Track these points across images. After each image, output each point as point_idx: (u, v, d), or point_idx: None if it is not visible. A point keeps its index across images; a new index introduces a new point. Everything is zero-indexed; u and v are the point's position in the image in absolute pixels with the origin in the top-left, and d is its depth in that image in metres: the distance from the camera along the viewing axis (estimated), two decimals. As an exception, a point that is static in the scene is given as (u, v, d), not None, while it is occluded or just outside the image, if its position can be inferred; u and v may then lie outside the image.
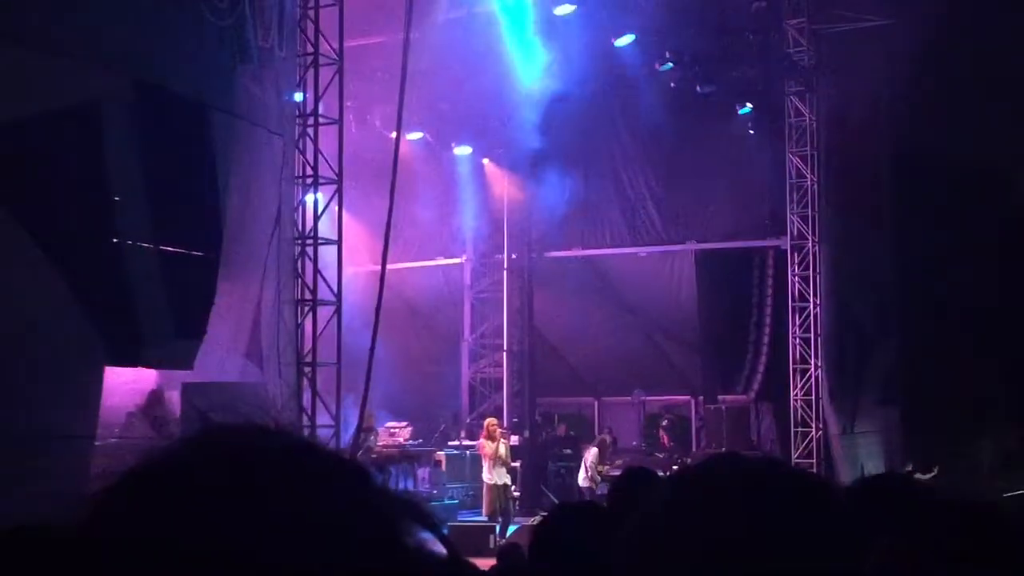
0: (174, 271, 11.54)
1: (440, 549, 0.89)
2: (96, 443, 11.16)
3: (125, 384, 13.77)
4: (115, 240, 11.06)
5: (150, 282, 11.22)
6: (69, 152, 10.46)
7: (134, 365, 11.97)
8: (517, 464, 21.37)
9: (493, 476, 18.32)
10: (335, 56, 14.69)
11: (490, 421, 19.46)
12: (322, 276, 14.40)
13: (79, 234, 10.55)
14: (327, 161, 14.63)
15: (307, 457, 0.88)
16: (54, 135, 10.20)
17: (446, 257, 26.08)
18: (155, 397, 13.62)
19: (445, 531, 0.92)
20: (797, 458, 21.59)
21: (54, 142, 10.23)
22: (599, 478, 18.86)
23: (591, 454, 19.94)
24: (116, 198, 11.03)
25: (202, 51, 12.00)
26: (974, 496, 1.87)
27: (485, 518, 18.41)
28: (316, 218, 14.55)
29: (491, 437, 18.59)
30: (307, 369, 14.05)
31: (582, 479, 19.71)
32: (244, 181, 12.78)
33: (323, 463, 0.88)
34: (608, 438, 21.05)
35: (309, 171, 14.49)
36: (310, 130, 14.51)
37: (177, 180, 11.63)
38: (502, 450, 18.60)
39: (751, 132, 23.11)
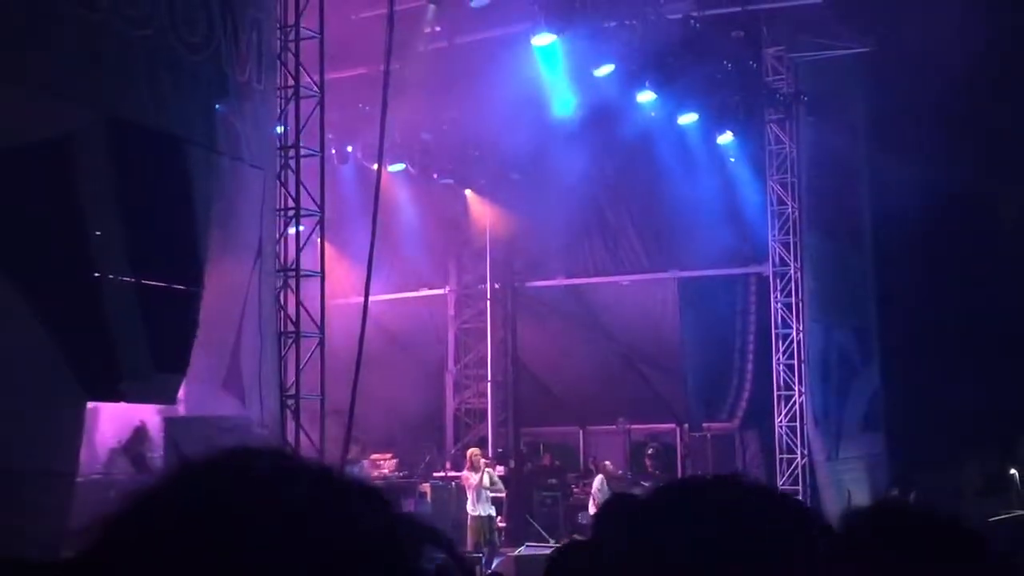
0: (153, 305, 11.48)
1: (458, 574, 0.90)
2: (79, 479, 11.08)
3: (113, 420, 13.70)
4: (96, 275, 11.02)
5: (129, 317, 11.16)
6: (40, 188, 10.44)
7: (115, 400, 11.90)
8: (503, 494, 21.37)
9: (478, 508, 18.24)
10: (316, 88, 14.70)
11: (473, 451, 19.39)
12: (305, 308, 14.36)
13: (54, 270, 10.50)
14: (309, 193, 14.62)
15: (327, 483, 0.89)
16: (23, 171, 10.18)
17: (429, 288, 26.08)
18: (139, 433, 13.55)
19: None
20: (782, 484, 21.58)
21: (24, 178, 10.20)
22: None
23: (598, 483, 19.89)
24: (95, 233, 11.00)
25: (176, 87, 11.98)
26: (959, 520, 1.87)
27: (470, 550, 18.32)
28: (298, 250, 14.52)
29: (475, 468, 18.53)
30: (291, 402, 14.00)
31: (591, 509, 19.64)
32: (224, 215, 12.74)
33: (343, 489, 0.89)
34: (609, 464, 21.02)
35: (291, 203, 14.47)
36: (291, 162, 14.50)
37: (155, 215, 11.59)
38: (487, 480, 18.53)
39: (731, 160, 23.23)
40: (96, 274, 11.04)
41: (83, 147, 10.81)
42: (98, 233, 11.04)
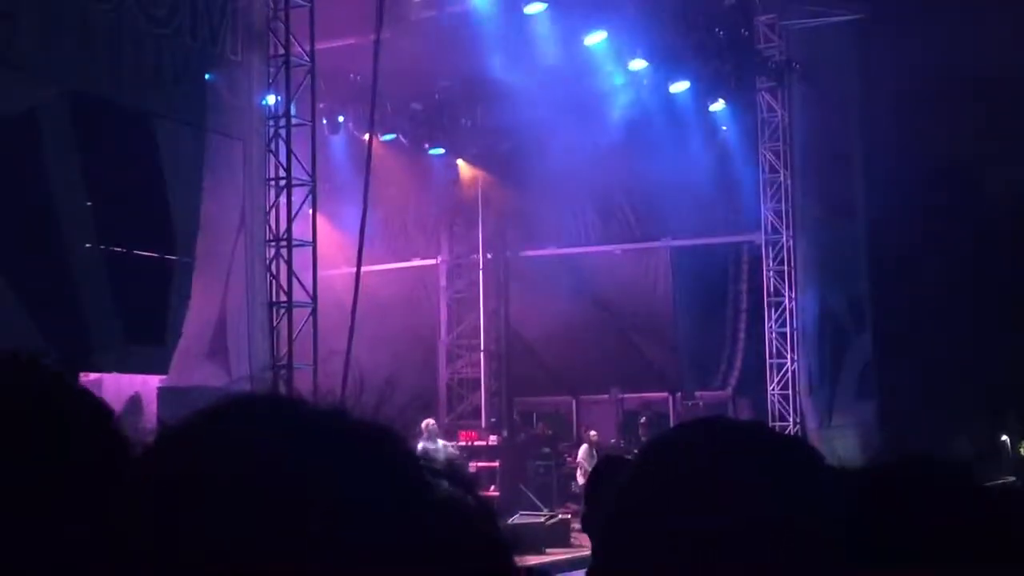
0: (124, 277, 11.49)
1: (471, 501, 0.90)
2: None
3: (116, 391, 13.69)
4: (65, 248, 11.03)
5: (98, 289, 11.17)
6: (7, 164, 10.43)
7: (89, 370, 11.90)
8: (496, 464, 21.48)
9: None
10: (307, 58, 14.63)
11: (428, 422, 19.50)
12: (297, 278, 14.34)
13: (25, 244, 10.50)
14: (300, 163, 14.58)
15: (327, 419, 0.89)
16: None
17: (421, 258, 26.05)
18: (133, 403, 13.53)
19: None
20: (775, 452, 21.64)
21: None
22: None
23: (583, 452, 19.97)
24: (64, 206, 11.00)
25: (140, 60, 11.95)
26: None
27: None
28: (290, 220, 14.48)
29: (429, 437, 18.69)
30: (283, 371, 14.00)
31: (580, 477, 19.71)
32: (200, 186, 12.72)
33: (352, 430, 0.89)
34: (595, 434, 21.12)
35: (282, 173, 14.43)
36: (282, 132, 14.44)
37: (123, 187, 11.58)
38: (441, 449, 18.74)
39: (724, 128, 23.18)
40: (66, 247, 11.05)
41: (48, 122, 10.82)
42: (67, 207, 11.04)
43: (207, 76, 13.08)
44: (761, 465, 1.22)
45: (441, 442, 18.88)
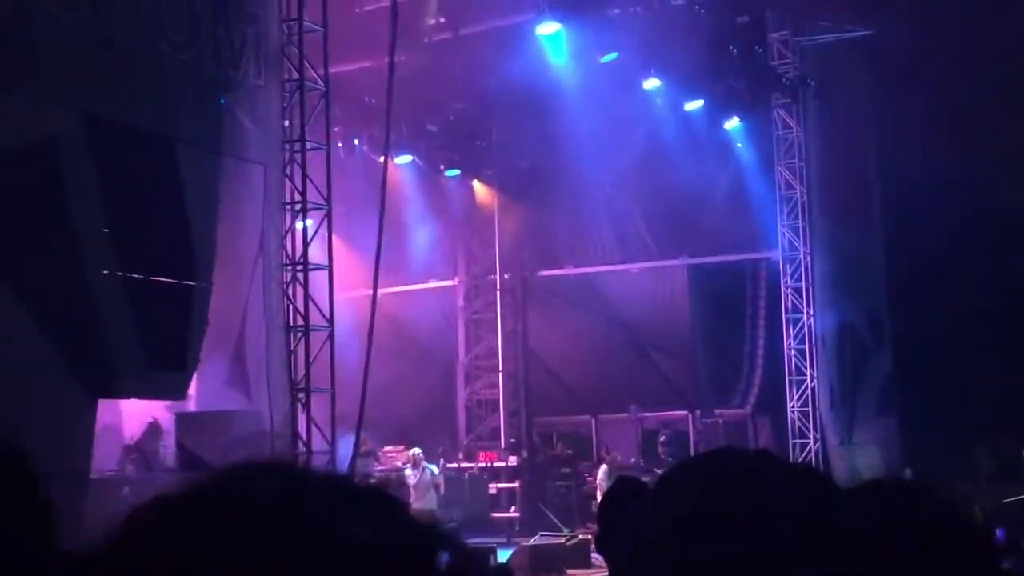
0: (145, 303, 11.50)
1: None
2: (92, 476, 11.12)
3: (132, 416, 13.74)
4: (87, 275, 11.06)
5: (120, 315, 11.20)
6: (29, 192, 10.48)
7: (114, 397, 11.91)
8: (516, 484, 21.47)
9: (422, 503, 18.30)
10: (321, 83, 14.69)
11: (414, 451, 19.57)
12: (314, 302, 14.36)
13: (47, 272, 10.53)
14: (316, 187, 14.61)
15: (331, 497, 0.89)
16: (12, 176, 10.22)
17: (438, 279, 26.10)
18: (152, 429, 13.56)
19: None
20: (795, 470, 21.54)
21: (12, 180, 10.24)
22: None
23: (601, 473, 19.94)
24: (85, 233, 11.03)
25: (163, 85, 11.98)
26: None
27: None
28: (306, 244, 14.52)
29: (415, 465, 18.85)
30: (301, 395, 14.01)
31: (599, 498, 19.70)
32: (221, 211, 12.75)
33: (349, 501, 0.89)
34: (618, 456, 21.10)
35: (298, 197, 14.47)
36: (297, 156, 14.49)
37: (143, 213, 11.61)
38: (428, 476, 18.80)
39: (739, 146, 23.18)
40: (87, 274, 11.07)
41: (68, 149, 10.84)
42: (87, 233, 11.07)
43: (226, 101, 13.13)
44: (779, 494, 1.22)
45: (428, 466, 19.02)
